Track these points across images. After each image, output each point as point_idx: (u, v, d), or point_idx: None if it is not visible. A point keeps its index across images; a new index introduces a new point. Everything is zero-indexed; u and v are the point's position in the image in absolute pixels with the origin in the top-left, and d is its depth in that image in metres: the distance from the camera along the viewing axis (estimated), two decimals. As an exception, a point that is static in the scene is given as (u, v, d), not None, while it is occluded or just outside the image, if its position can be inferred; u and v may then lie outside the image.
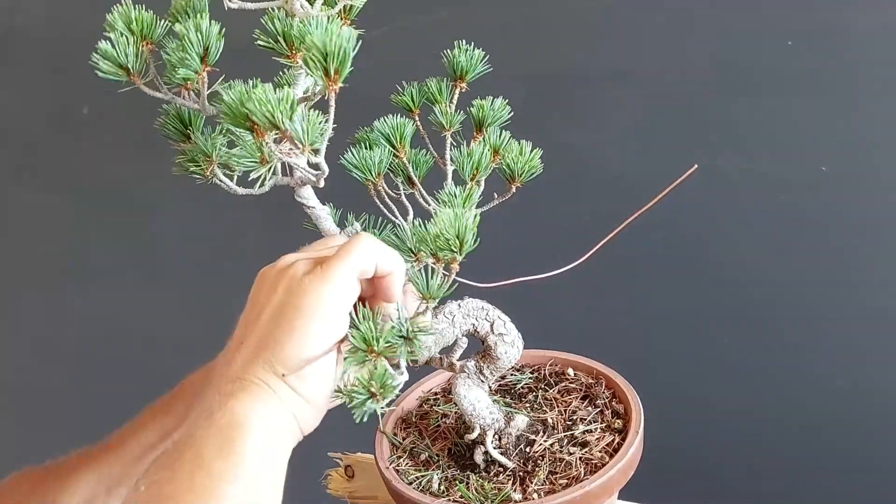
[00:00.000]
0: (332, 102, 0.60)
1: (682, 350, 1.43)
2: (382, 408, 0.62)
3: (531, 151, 0.75)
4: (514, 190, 0.75)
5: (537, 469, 0.76)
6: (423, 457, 0.82)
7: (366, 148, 0.75)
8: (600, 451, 0.77)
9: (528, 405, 0.85)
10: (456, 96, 0.79)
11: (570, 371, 0.89)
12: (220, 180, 0.68)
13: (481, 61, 0.78)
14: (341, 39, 0.55)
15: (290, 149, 0.58)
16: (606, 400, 0.83)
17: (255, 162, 0.58)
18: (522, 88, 1.31)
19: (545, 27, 1.33)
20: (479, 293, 0.81)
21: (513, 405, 0.85)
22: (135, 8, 0.61)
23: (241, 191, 0.69)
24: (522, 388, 0.88)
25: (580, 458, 0.76)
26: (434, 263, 0.67)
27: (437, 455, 0.82)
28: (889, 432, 1.37)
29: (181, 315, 1.56)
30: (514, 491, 0.74)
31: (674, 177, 0.80)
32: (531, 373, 0.91)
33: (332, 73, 0.56)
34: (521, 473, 0.76)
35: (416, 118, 0.80)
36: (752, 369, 1.41)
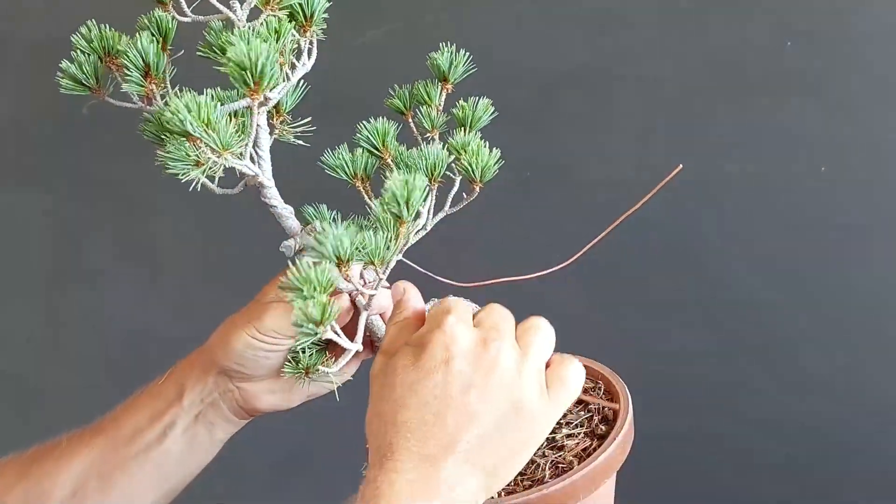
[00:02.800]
0: (256, 112, 0.63)
1: (682, 350, 1.40)
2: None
3: (490, 153, 0.74)
4: (477, 190, 0.75)
5: (508, 470, 0.76)
6: (413, 452, 0.84)
7: (348, 151, 0.78)
8: (573, 456, 0.75)
9: (521, 407, 0.84)
10: (443, 98, 0.80)
11: (576, 375, 0.87)
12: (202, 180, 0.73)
13: (465, 62, 0.78)
14: (258, 54, 0.58)
15: (219, 155, 0.61)
16: (599, 405, 0.81)
17: (190, 165, 0.62)
18: (521, 88, 1.31)
19: (545, 27, 1.32)
20: (480, 293, 0.81)
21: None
22: (99, 27, 0.68)
23: (218, 190, 0.73)
24: (525, 390, 0.88)
25: (552, 461, 0.75)
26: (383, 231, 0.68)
27: (427, 451, 0.83)
28: (888, 432, 1.33)
29: (181, 315, 1.59)
30: (478, 489, 0.74)
31: (667, 177, 0.78)
32: (541, 375, 0.90)
33: (252, 84, 0.60)
34: (492, 473, 0.76)
35: (410, 120, 0.82)
36: (751, 369, 1.37)
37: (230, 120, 0.63)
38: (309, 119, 0.77)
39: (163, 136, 0.71)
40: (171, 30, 0.68)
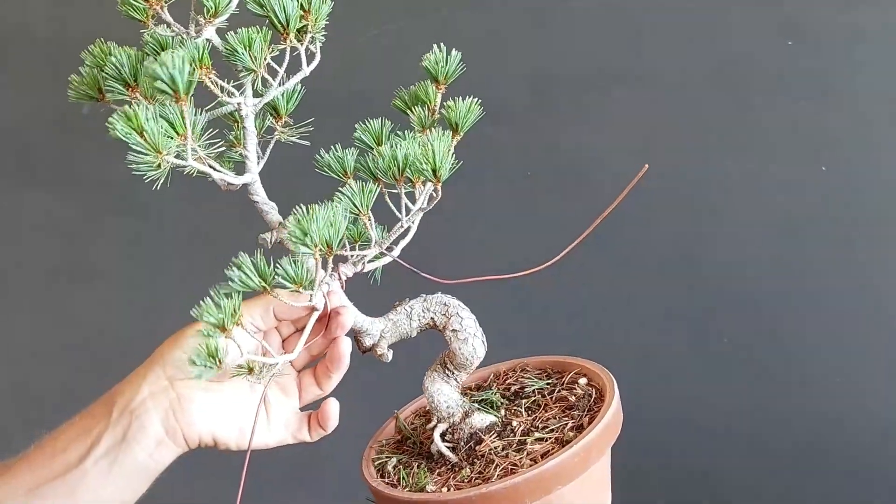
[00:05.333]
0: (186, 116, 0.68)
1: (682, 350, 1.35)
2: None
3: (444, 154, 0.74)
4: (439, 188, 0.75)
5: (471, 467, 0.76)
6: (409, 442, 0.86)
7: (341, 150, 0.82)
8: (531, 460, 0.74)
9: (515, 407, 0.84)
10: (438, 98, 0.81)
11: (582, 381, 0.85)
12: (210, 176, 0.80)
13: (454, 63, 0.79)
14: (166, 69, 0.64)
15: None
16: (582, 412, 0.79)
17: (151, 167, 0.69)
18: (523, 88, 1.26)
19: (546, 28, 1.27)
20: (455, 290, 0.82)
21: (504, 405, 0.84)
22: (105, 43, 0.77)
23: (222, 184, 0.80)
24: (532, 391, 0.86)
25: (511, 462, 0.74)
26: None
27: (422, 443, 0.85)
28: (889, 433, 1.28)
29: (180, 315, 1.60)
30: (432, 482, 0.75)
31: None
32: (557, 378, 0.88)
33: (171, 93, 0.66)
34: (457, 468, 0.77)
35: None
36: (751, 369, 1.33)
37: (184, 126, 0.68)
38: (311, 119, 0.82)
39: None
40: (168, 44, 0.76)
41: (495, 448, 0.77)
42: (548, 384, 0.87)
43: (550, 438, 0.77)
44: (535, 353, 0.92)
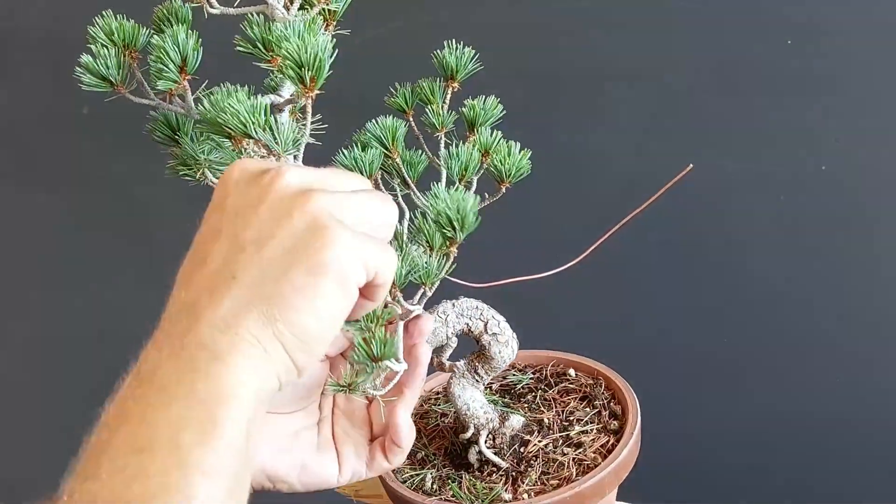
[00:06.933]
0: (310, 109, 0.60)
1: (683, 349, 1.41)
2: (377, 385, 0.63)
3: (520, 152, 0.74)
4: (503, 190, 0.74)
5: (530, 469, 0.76)
6: (419, 456, 0.82)
7: (360, 149, 0.75)
8: (594, 452, 0.76)
9: (526, 405, 0.84)
10: (448, 96, 0.79)
11: (572, 372, 0.88)
12: (212, 182, 0.69)
13: (471, 60, 0.77)
14: (316, 49, 0.56)
15: (264, 155, 0.58)
16: (605, 401, 0.83)
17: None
18: (523, 88, 1.30)
19: (545, 27, 1.32)
20: (476, 293, 0.81)
21: (511, 405, 0.84)
22: (116, 18, 0.62)
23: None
24: (522, 388, 0.88)
25: (573, 458, 0.76)
26: (429, 251, 0.66)
27: (434, 454, 0.82)
28: (889, 432, 1.36)
29: None
30: (505, 491, 0.74)
31: (673, 176, 0.79)
32: (533, 373, 0.90)
33: (308, 81, 0.57)
34: (513, 473, 0.76)
35: (411, 119, 0.80)
36: (751, 369, 1.40)
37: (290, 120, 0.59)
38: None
39: (177, 138, 0.68)
40: (189, 22, 0.64)
41: (545, 447, 0.77)
42: (532, 379, 0.89)
43: (593, 430, 0.79)
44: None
